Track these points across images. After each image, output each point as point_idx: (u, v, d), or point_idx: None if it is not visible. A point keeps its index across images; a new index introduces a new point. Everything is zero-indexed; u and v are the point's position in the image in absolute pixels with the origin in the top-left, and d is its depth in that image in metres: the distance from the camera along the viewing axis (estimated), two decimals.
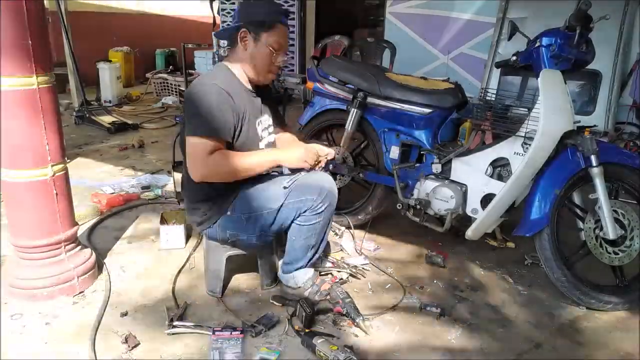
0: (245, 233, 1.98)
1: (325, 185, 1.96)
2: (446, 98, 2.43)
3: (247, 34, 1.90)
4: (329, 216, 2.02)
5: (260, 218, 1.94)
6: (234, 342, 1.75)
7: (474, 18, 5.17)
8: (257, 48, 1.91)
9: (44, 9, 1.90)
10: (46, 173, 1.95)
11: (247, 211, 1.94)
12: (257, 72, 1.96)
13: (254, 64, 1.94)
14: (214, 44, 4.09)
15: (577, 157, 2.09)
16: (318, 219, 1.97)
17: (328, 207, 1.97)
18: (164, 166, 3.83)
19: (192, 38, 6.98)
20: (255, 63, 1.93)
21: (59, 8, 4.88)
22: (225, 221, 1.96)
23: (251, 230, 1.97)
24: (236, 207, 1.94)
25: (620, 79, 4.22)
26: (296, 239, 2.02)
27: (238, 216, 1.95)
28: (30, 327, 1.86)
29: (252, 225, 1.96)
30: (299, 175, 2.00)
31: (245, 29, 1.90)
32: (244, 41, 1.91)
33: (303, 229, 1.99)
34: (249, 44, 1.91)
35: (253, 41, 1.91)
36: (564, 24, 2.00)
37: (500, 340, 1.89)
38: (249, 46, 1.91)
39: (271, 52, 1.92)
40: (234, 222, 1.96)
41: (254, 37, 1.90)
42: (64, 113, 5.30)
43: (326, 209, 1.96)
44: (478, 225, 2.27)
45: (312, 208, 1.93)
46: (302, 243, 2.03)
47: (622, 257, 2.06)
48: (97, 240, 2.57)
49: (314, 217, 1.96)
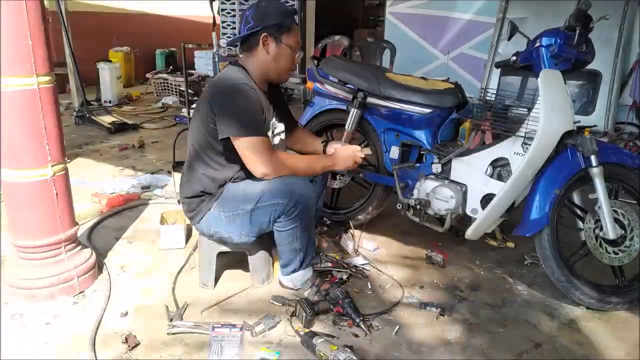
0: (225, 231, 2.00)
1: (296, 189, 1.92)
2: (446, 98, 2.43)
3: (268, 37, 1.95)
4: (306, 219, 1.99)
5: (236, 218, 1.96)
6: (233, 339, 1.75)
7: (474, 18, 5.17)
8: (280, 50, 1.98)
9: (44, 9, 1.90)
10: (46, 173, 1.95)
11: (226, 209, 1.96)
12: (279, 72, 2.04)
13: (277, 65, 2.01)
14: (214, 44, 4.09)
15: (577, 157, 2.09)
16: (294, 224, 1.96)
17: (301, 211, 1.94)
18: (164, 166, 3.83)
19: (192, 38, 6.97)
20: (279, 64, 2.01)
21: (59, 8, 4.89)
22: (209, 217, 1.99)
23: (231, 229, 1.99)
24: (217, 205, 1.97)
25: (620, 79, 4.22)
26: (281, 244, 2.03)
27: (219, 213, 1.97)
28: (30, 327, 1.86)
29: (230, 224, 1.98)
30: None
31: (266, 33, 1.94)
32: (266, 44, 1.96)
33: (283, 235, 1.99)
34: (271, 46, 1.96)
35: (275, 44, 1.96)
36: (564, 24, 2.00)
37: (500, 340, 1.89)
38: (271, 49, 1.97)
39: (293, 52, 2.01)
40: (215, 219, 1.98)
41: (275, 40, 1.96)
42: (64, 113, 5.30)
43: (299, 213, 1.94)
44: (478, 225, 2.27)
45: (285, 213, 1.92)
46: (287, 248, 2.03)
47: (622, 257, 2.06)
48: (97, 240, 2.57)
49: (289, 223, 1.95)
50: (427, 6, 5.44)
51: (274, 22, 1.94)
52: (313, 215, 2.07)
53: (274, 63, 1.99)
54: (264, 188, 1.91)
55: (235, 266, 2.28)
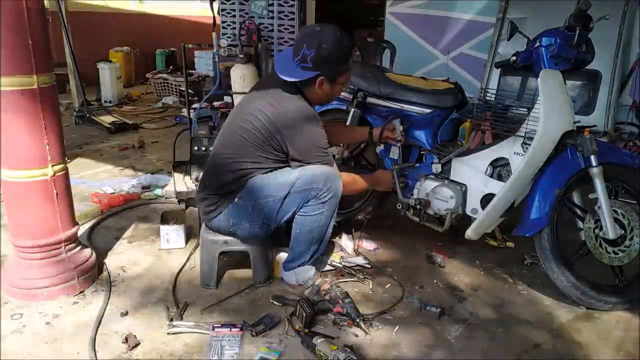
0: (248, 221, 2.03)
1: (331, 176, 2.02)
2: (446, 98, 2.43)
3: (324, 81, 2.02)
4: (332, 208, 2.05)
5: (265, 206, 1.99)
6: (232, 339, 1.76)
7: (474, 18, 5.16)
8: (332, 89, 2.08)
9: (44, 9, 1.91)
10: (46, 173, 1.95)
11: (254, 198, 1.99)
12: (326, 101, 2.20)
13: (327, 98, 2.15)
14: (214, 44, 4.09)
15: (577, 157, 2.09)
16: (322, 209, 2.01)
17: (332, 197, 2.01)
18: (164, 166, 3.83)
19: (192, 38, 6.97)
20: (330, 97, 2.15)
21: (59, 8, 4.89)
22: (231, 209, 2.02)
23: (255, 218, 2.02)
24: (244, 195, 2.00)
25: (620, 79, 4.22)
26: (300, 232, 2.06)
27: (244, 203, 2.00)
28: (30, 327, 1.86)
29: (256, 212, 2.01)
30: None
31: (322, 78, 2.00)
32: (321, 86, 2.03)
33: (307, 220, 2.03)
34: (325, 87, 2.04)
35: (329, 85, 2.05)
36: (564, 24, 2.00)
37: (500, 340, 1.89)
38: (325, 88, 2.04)
39: (342, 87, 2.15)
40: (240, 209, 2.01)
41: (330, 83, 2.04)
42: (64, 113, 5.30)
43: (330, 199, 2.01)
44: (478, 225, 2.27)
45: (317, 197, 1.98)
46: (305, 237, 2.06)
47: (622, 257, 2.06)
48: (97, 240, 2.57)
49: (318, 207, 2.00)
50: (427, 6, 5.43)
51: (333, 69, 2.00)
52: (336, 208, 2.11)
53: (323, 97, 2.11)
54: (298, 174, 1.98)
55: (235, 266, 2.28)
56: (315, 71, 1.97)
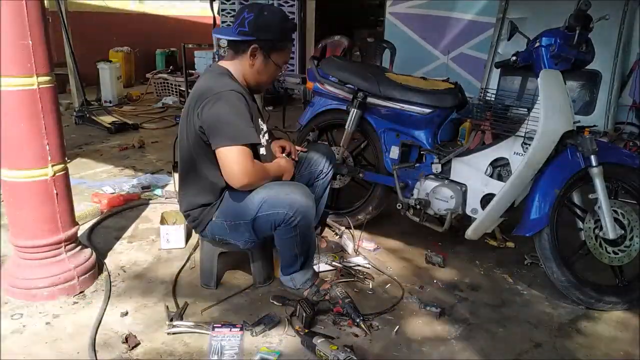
0: (231, 238, 2.02)
1: (297, 198, 1.89)
2: (446, 98, 2.43)
3: (257, 51, 1.91)
4: (306, 228, 1.96)
5: (239, 227, 1.96)
6: (232, 338, 1.76)
7: (474, 18, 5.16)
8: (266, 66, 1.95)
9: (44, 9, 1.90)
10: (46, 173, 1.95)
11: (228, 219, 1.97)
12: (258, 84, 2.02)
13: (258, 78, 1.98)
14: (214, 44, 4.09)
15: (577, 157, 2.09)
16: (294, 232, 1.94)
17: (301, 220, 1.90)
18: (164, 166, 3.83)
19: (192, 38, 6.98)
20: (260, 77, 1.98)
21: (59, 8, 4.88)
22: (212, 227, 2.00)
23: (235, 237, 2.01)
24: (219, 215, 1.98)
25: (620, 79, 4.22)
26: (281, 249, 2.03)
27: (222, 223, 1.98)
28: (30, 327, 1.86)
29: (234, 232, 1.99)
30: None
31: (256, 46, 1.90)
32: (253, 56, 1.92)
33: (283, 242, 1.99)
34: (258, 59, 1.93)
35: (262, 59, 1.93)
36: (564, 24, 2.00)
37: (500, 340, 1.89)
38: (257, 62, 1.93)
39: (277, 70, 2.00)
40: (219, 228, 2.00)
41: (264, 55, 1.92)
42: (64, 113, 5.29)
43: (299, 222, 1.91)
44: (478, 225, 2.27)
45: (285, 222, 1.89)
46: (288, 253, 2.03)
47: (622, 257, 2.06)
48: (97, 240, 2.57)
49: (289, 231, 1.93)
50: (427, 6, 5.44)
51: (269, 38, 1.90)
52: (312, 223, 2.03)
53: (255, 75, 1.96)
54: (263, 197, 1.89)
55: (235, 266, 2.28)
56: (250, 36, 1.87)
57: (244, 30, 1.89)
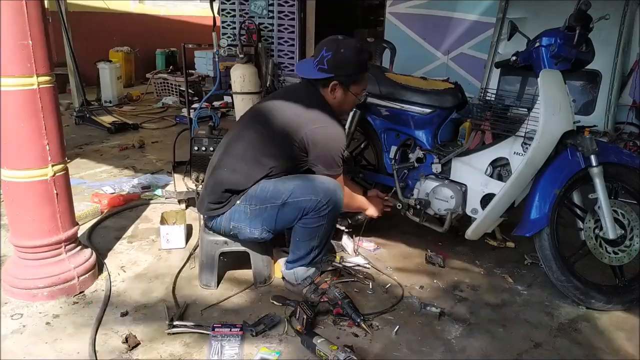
0: (248, 226, 2.01)
1: (331, 187, 1.98)
2: (446, 98, 2.43)
3: (336, 86, 2.03)
4: (333, 219, 2.03)
5: (263, 212, 1.97)
6: (232, 339, 1.76)
7: (474, 18, 5.16)
8: (345, 97, 2.08)
9: (44, 9, 1.90)
10: (46, 173, 1.95)
11: (253, 203, 1.97)
12: (341, 112, 2.17)
13: (339, 108, 2.11)
14: (214, 44, 4.09)
15: (577, 157, 2.09)
16: (321, 222, 1.98)
17: (332, 210, 1.98)
18: (164, 166, 3.83)
19: (192, 38, 6.97)
20: (342, 107, 2.13)
21: (59, 8, 4.89)
22: (233, 211, 2.00)
23: (255, 224, 2.00)
24: (246, 198, 1.99)
25: (620, 78, 4.22)
26: (300, 240, 2.04)
27: (244, 207, 1.99)
28: (30, 327, 1.86)
29: (254, 219, 1.99)
30: None
31: (335, 82, 2.02)
32: (334, 91, 2.04)
33: (306, 231, 2.01)
34: (338, 93, 2.05)
35: (342, 92, 2.06)
36: (564, 24, 2.00)
37: (500, 340, 1.89)
38: (337, 95, 2.06)
39: (356, 99, 2.14)
40: (240, 212, 2.00)
41: (344, 89, 2.05)
42: (64, 113, 5.30)
43: (330, 212, 1.97)
44: (478, 225, 2.27)
45: (315, 209, 1.94)
46: (305, 244, 2.05)
47: (622, 257, 2.06)
48: (97, 240, 2.57)
49: (317, 220, 1.97)
50: (427, 6, 5.43)
51: (347, 73, 2.01)
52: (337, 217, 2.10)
53: (336, 105, 2.08)
54: (296, 184, 1.96)
55: (235, 266, 2.28)
56: (329, 73, 1.99)
57: (323, 67, 2.01)
